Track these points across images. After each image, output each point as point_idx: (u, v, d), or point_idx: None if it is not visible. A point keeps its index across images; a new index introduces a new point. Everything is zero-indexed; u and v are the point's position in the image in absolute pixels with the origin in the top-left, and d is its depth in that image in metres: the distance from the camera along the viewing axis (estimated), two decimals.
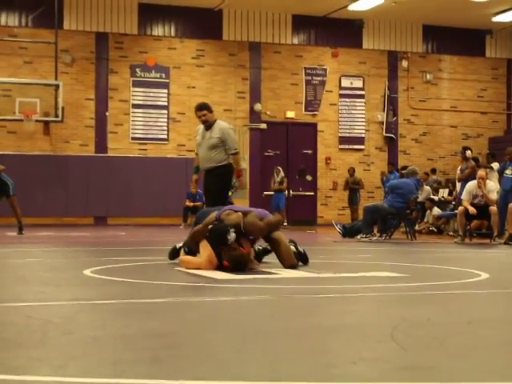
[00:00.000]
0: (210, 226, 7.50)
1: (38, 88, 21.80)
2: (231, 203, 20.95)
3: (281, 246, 7.85)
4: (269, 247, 8.09)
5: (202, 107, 10.05)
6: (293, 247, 8.14)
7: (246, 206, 10.01)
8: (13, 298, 5.42)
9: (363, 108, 25.52)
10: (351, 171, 23.60)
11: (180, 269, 7.59)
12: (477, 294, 5.99)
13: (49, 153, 22.49)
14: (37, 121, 21.70)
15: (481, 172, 14.61)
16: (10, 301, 5.17)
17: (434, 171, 23.12)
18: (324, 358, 3.36)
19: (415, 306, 5.09)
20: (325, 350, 3.55)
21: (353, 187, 23.28)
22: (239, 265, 7.26)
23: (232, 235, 7.28)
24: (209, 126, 9.86)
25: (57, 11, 21.73)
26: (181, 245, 8.32)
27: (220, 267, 7.35)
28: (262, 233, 7.71)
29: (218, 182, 9.78)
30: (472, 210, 13.90)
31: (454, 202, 18.45)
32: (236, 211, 7.80)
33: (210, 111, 9.97)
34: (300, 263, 8.09)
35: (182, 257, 7.87)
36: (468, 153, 17.10)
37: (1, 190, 15.63)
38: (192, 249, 7.89)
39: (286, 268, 7.66)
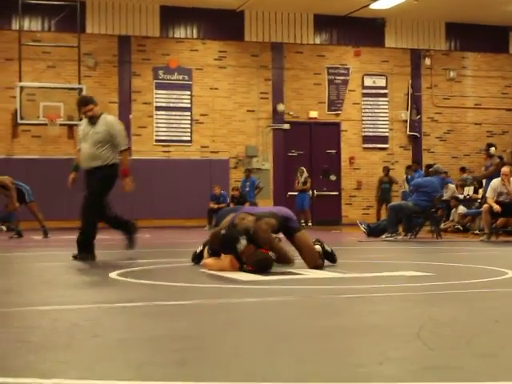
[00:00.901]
0: (222, 233, 7.47)
1: (62, 92, 21.93)
2: (255, 204, 21.07)
3: (304, 247, 7.81)
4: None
5: (88, 101, 9.35)
6: (318, 246, 8.09)
7: (267, 207, 9.69)
8: (39, 301, 5.45)
9: (386, 107, 25.45)
10: (385, 170, 23.47)
11: (205, 271, 7.60)
12: (504, 292, 5.94)
13: (73, 156, 22.48)
14: (61, 125, 21.83)
15: (505, 169, 14.48)
16: (37, 304, 5.20)
17: (463, 170, 22.93)
18: (350, 358, 3.36)
19: (441, 305, 5.06)
20: (351, 350, 3.54)
21: (385, 187, 23.17)
22: (264, 268, 7.23)
23: (242, 243, 7.24)
24: (94, 120, 9.19)
25: (79, 15, 21.87)
26: (201, 248, 8.31)
27: (242, 269, 7.35)
28: (266, 244, 7.49)
29: (100, 183, 9.13)
30: (496, 207, 13.81)
31: (479, 200, 18.34)
32: (252, 214, 7.71)
33: (96, 104, 9.27)
34: (329, 262, 8.06)
35: (206, 260, 7.84)
36: (492, 149, 16.99)
37: (19, 197, 15.79)
38: (215, 250, 7.88)
39: (310, 269, 7.64)
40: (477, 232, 17.05)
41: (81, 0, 21.90)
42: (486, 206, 14.20)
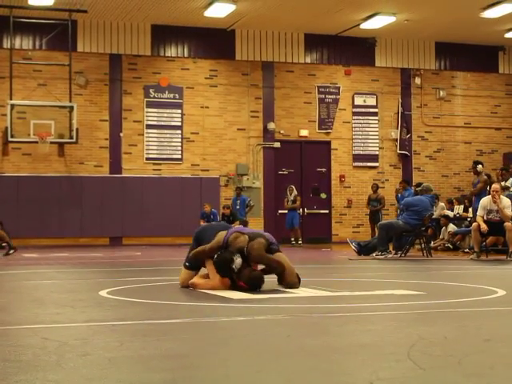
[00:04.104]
0: (217, 255, 7.46)
1: (53, 110, 21.94)
2: (246, 222, 21.07)
3: (285, 267, 7.71)
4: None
5: None
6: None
7: (258, 230, 9.51)
8: (29, 319, 5.42)
9: (377, 125, 25.53)
10: (374, 188, 23.34)
11: (197, 290, 7.58)
12: (494, 311, 5.95)
13: (64, 174, 22.59)
14: (51, 142, 21.82)
15: (495, 185, 14.50)
16: (27, 323, 5.18)
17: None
18: (341, 378, 3.35)
19: (432, 325, 5.06)
20: (342, 369, 3.54)
21: (374, 208, 22.88)
22: (256, 286, 7.24)
23: (237, 262, 7.24)
24: None
25: (70, 34, 21.91)
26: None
27: (234, 287, 7.34)
28: (260, 262, 7.55)
29: None
30: (484, 227, 13.82)
31: (469, 219, 18.37)
32: (244, 233, 7.71)
33: None
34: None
35: (194, 280, 7.76)
36: (479, 167, 17.04)
37: None
38: (194, 264, 7.84)
39: (286, 285, 7.57)
40: (467, 250, 17.08)
41: (72, 19, 21.94)
42: (475, 224, 14.22)
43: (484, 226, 13.83)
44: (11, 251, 16.49)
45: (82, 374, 3.42)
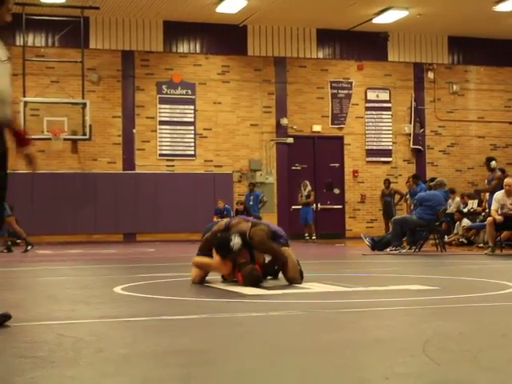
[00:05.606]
0: (216, 236, 7.54)
1: (66, 107, 21.99)
2: (260, 218, 21.06)
3: (288, 260, 7.69)
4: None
5: None
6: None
7: (263, 221, 9.47)
8: (44, 316, 5.44)
9: (390, 120, 25.46)
10: (386, 183, 23.38)
11: (210, 285, 7.58)
12: (509, 306, 5.92)
13: (77, 171, 22.65)
14: (65, 139, 21.88)
15: (508, 180, 14.45)
16: (42, 319, 5.19)
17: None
18: (356, 373, 3.34)
19: (447, 320, 5.04)
20: (357, 365, 3.53)
21: (386, 200, 23.02)
22: (252, 283, 7.18)
23: (235, 241, 7.26)
24: None
25: (83, 30, 21.94)
26: None
27: (234, 274, 7.42)
28: (262, 248, 7.53)
29: None
30: (499, 218, 13.79)
31: (483, 213, 18.31)
32: (247, 220, 7.79)
33: None
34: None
35: (194, 258, 7.84)
36: (493, 163, 16.97)
37: None
38: (205, 255, 7.89)
39: (287, 280, 7.58)
40: (481, 245, 17.01)
41: (84, 15, 21.97)
42: (490, 218, 14.18)
43: (499, 218, 13.80)
44: (29, 247, 16.56)
45: (97, 369, 3.43)
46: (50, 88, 22.49)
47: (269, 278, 7.89)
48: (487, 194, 17.42)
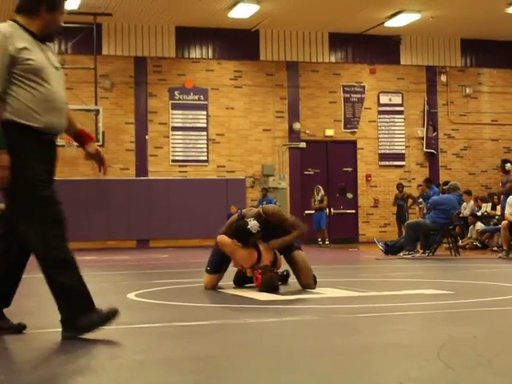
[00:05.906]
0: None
1: (79, 113, 21.98)
2: None
3: (301, 266, 7.68)
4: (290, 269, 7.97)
5: None
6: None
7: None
8: (57, 323, 5.44)
9: (403, 124, 25.41)
10: (400, 188, 23.39)
11: (222, 291, 7.59)
12: None
13: (90, 177, 22.70)
14: (78, 146, 21.87)
15: None
16: (55, 326, 5.20)
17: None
18: (371, 377, 3.34)
19: (461, 324, 5.03)
20: (371, 369, 3.52)
21: (399, 204, 23.10)
22: (269, 290, 7.18)
23: (252, 223, 7.45)
24: (50, 36, 4.97)
25: (95, 37, 22.00)
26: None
27: (251, 274, 7.44)
28: (278, 217, 7.73)
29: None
30: None
31: (497, 217, 18.24)
32: (257, 207, 8.15)
33: None
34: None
35: (224, 236, 7.86)
36: (508, 165, 16.91)
37: None
38: (214, 268, 7.92)
39: (301, 286, 7.57)
40: (495, 249, 16.96)
41: (97, 22, 22.04)
42: (504, 222, 14.13)
43: None
44: None
45: (111, 376, 3.43)
46: None
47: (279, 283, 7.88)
48: (501, 197, 17.36)
